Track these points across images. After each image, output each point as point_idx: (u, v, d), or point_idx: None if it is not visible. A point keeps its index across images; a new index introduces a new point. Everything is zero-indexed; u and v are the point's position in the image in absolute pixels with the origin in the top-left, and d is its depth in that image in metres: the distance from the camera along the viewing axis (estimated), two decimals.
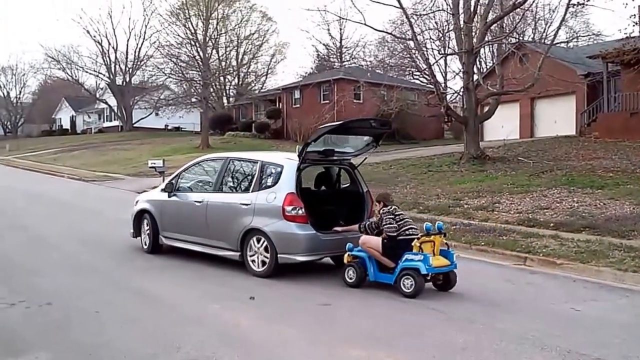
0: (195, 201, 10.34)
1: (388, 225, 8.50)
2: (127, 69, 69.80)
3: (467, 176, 20.59)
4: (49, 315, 6.96)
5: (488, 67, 41.89)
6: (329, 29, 66.99)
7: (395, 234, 8.48)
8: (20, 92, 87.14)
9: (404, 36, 29.06)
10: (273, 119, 49.73)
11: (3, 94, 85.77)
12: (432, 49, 34.19)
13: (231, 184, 10.39)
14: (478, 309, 7.66)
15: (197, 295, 8.15)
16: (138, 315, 7.10)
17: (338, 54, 64.55)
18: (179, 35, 48.29)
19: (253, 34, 60.86)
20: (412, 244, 8.33)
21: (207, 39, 46.97)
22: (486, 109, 27.08)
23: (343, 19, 37.76)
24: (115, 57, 69.56)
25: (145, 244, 11.28)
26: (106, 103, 71.74)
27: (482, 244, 11.94)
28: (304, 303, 7.84)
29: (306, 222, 9.10)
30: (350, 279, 8.74)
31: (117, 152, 43.36)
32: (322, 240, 9.17)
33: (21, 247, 11.75)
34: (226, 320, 7.02)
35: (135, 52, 68.44)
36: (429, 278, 8.43)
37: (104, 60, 70.12)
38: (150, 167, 26.31)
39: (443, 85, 35.16)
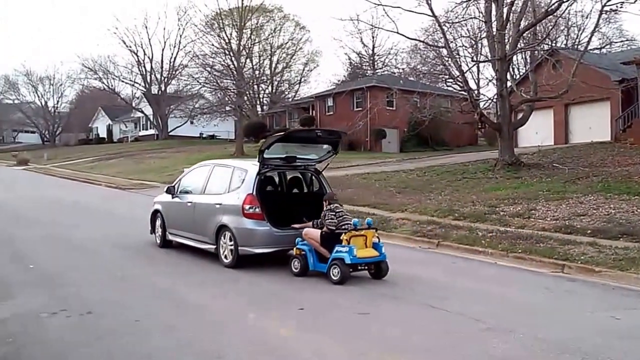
0: (188, 202, 11.97)
1: (329, 220, 9.77)
2: (163, 78, 70.95)
3: (502, 183, 20.43)
4: (90, 325, 7.06)
5: (521, 73, 41.53)
6: (361, 38, 67.10)
7: (334, 227, 9.70)
8: (57, 101, 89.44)
9: (436, 44, 29.04)
10: (306, 127, 49.97)
11: (41, 103, 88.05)
12: (465, 56, 34.10)
13: (212, 187, 11.65)
14: (517, 317, 7.61)
15: (235, 304, 8.27)
16: (177, 324, 7.16)
17: (370, 62, 64.66)
18: (213, 45, 49.04)
19: (286, 42, 61.44)
20: (341, 237, 9.50)
21: (241, 48, 47.53)
22: (520, 115, 26.84)
23: (375, 27, 37.83)
24: (151, 67, 70.84)
25: (158, 240, 12.89)
26: (142, 112, 72.97)
27: (519, 251, 11.89)
28: (342, 312, 7.86)
29: (262, 219, 10.39)
30: (296, 268, 10.02)
31: (153, 161, 44.05)
32: (276, 235, 10.39)
33: (60, 255, 12.03)
34: (264, 328, 7.05)
35: (170, 61, 69.60)
36: (362, 268, 9.69)
37: (139, 70, 71.47)
38: None
39: (476, 92, 34.98)
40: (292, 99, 62.43)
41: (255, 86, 57.46)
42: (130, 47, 70.41)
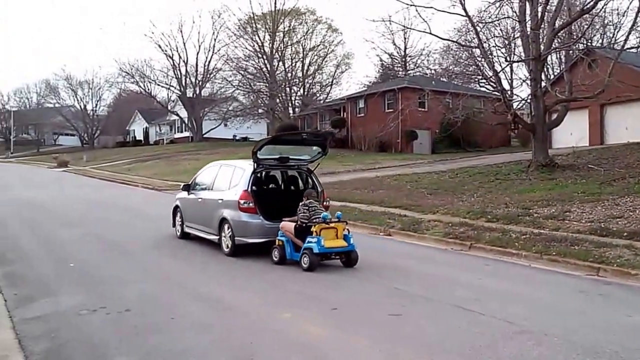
0: (199, 198, 13.51)
1: (302, 214, 10.88)
2: (197, 81, 71.82)
3: (536, 184, 20.22)
4: (128, 322, 7.25)
5: (556, 73, 40.94)
6: (393, 39, 66.91)
7: (306, 220, 10.77)
8: (96, 105, 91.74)
9: (469, 44, 28.84)
10: (338, 128, 50.04)
11: (80, 107, 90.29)
12: (498, 56, 33.75)
13: (218, 184, 13.06)
14: (551, 320, 7.55)
15: (269, 303, 8.38)
16: (212, 323, 7.31)
17: (402, 63, 64.42)
18: (246, 48, 49.57)
19: (318, 45, 61.63)
20: (312, 229, 10.53)
21: (274, 51, 47.93)
22: (554, 116, 26.51)
23: (407, 28, 37.79)
24: (186, 70, 71.78)
25: (178, 232, 14.44)
26: (177, 115, 74.00)
27: (554, 253, 11.76)
28: (375, 312, 7.88)
29: (256, 212, 11.66)
30: (275, 257, 11.13)
31: (188, 162, 44.57)
32: (267, 227, 11.57)
33: (99, 253, 12.37)
34: (298, 328, 7.12)
35: (204, 65, 70.41)
36: (335, 257, 10.79)
37: (175, 74, 72.49)
38: None
39: (509, 92, 34.61)
40: (323, 101, 62.58)
41: (287, 88, 57.80)
42: (165, 51, 71.42)
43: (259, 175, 12.55)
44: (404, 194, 21.37)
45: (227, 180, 12.71)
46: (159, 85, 76.36)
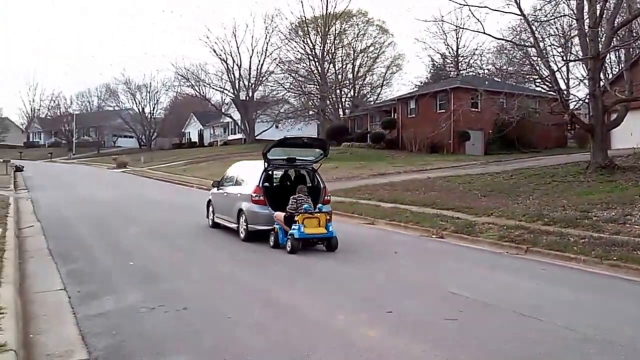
0: (224, 192, 15.82)
1: (290, 205, 12.79)
2: (250, 84, 72.74)
3: (595, 187, 19.71)
4: (186, 320, 7.41)
5: (615, 72, 39.71)
6: (445, 39, 66.18)
7: (293, 210, 12.63)
8: (153, 108, 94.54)
9: (524, 43, 28.30)
10: (388, 130, 49.84)
11: (138, 110, 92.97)
12: (554, 55, 33.00)
13: (239, 181, 15.50)
14: (615, 328, 7.33)
15: (324, 304, 8.43)
16: (268, 322, 7.41)
17: (454, 63, 63.69)
18: (298, 51, 49.93)
19: (369, 47, 61.56)
20: (294, 218, 12.39)
21: (325, 53, 48.08)
22: (614, 116, 25.74)
23: (460, 28, 37.40)
24: (239, 74, 72.80)
25: (210, 222, 16.64)
26: (231, 117, 75.16)
27: (614, 258, 11.40)
28: (430, 317, 7.80)
29: (265, 204, 13.76)
30: (271, 242, 13.07)
31: None
32: (273, 216, 13.32)
33: (157, 251, 12.72)
34: (353, 330, 7.12)
35: (257, 68, 71.24)
36: (318, 242, 12.71)
37: (228, 77, 73.63)
38: None
39: (566, 92, 33.77)
40: (374, 102, 62.44)
41: (338, 90, 57.91)
42: (220, 55, 72.64)
43: (269, 173, 14.74)
44: (457, 196, 21.15)
45: (245, 177, 15.26)
46: (213, 88, 77.86)
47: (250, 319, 7.52)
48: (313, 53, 47.86)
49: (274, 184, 15.22)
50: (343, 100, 63.30)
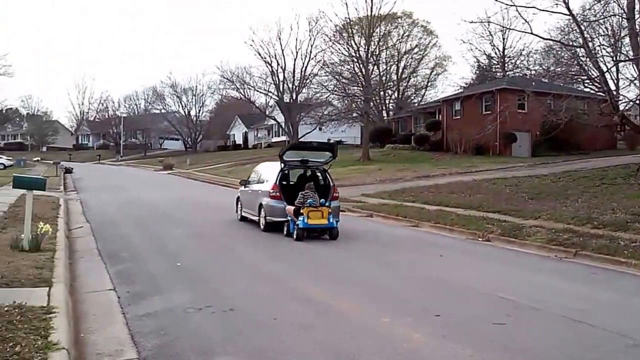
0: (249, 189, 18.08)
1: (298, 200, 14.92)
2: (294, 87, 72.95)
3: None
4: (232, 321, 7.49)
5: None
6: (491, 39, 65.24)
7: (300, 204, 14.67)
8: (199, 110, 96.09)
9: (572, 43, 27.66)
10: (432, 131, 49.43)
11: (184, 112, 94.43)
12: (604, 55, 32.12)
13: (261, 179, 17.60)
14: None
15: (367, 306, 8.41)
16: (312, 323, 7.43)
17: (500, 64, 62.71)
18: (342, 53, 49.84)
19: (413, 48, 61.23)
20: (300, 211, 14.41)
21: (369, 55, 47.91)
22: None
23: (507, 28, 36.81)
24: (284, 76, 73.08)
25: (238, 217, 18.71)
26: (275, 119, 75.62)
27: None
28: (478, 320, 7.70)
29: (281, 199, 15.70)
30: (284, 231, 15.12)
31: None
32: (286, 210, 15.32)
33: (203, 253, 12.94)
34: (398, 333, 7.07)
35: (301, 70, 71.43)
36: (322, 233, 14.72)
37: (273, 80, 73.94)
38: None
39: (616, 93, 32.86)
40: (418, 104, 62.03)
41: (382, 92, 57.70)
42: (264, 58, 73.15)
43: (286, 172, 16.72)
44: (503, 199, 20.85)
45: (266, 176, 17.37)
46: (257, 91, 78.28)
47: (295, 319, 7.56)
48: (357, 55, 47.72)
49: (291, 182, 17.15)
50: (387, 102, 63.09)
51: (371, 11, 46.27)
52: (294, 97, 72.74)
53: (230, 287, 9.44)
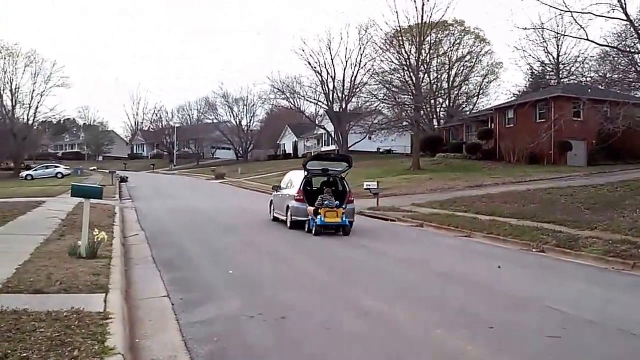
0: (280, 194, 20.98)
1: (317, 202, 17.69)
2: (344, 96, 73.14)
3: None
4: (285, 329, 7.52)
5: None
6: (546, 46, 63.94)
7: (318, 206, 17.51)
8: (250, 120, 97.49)
9: (630, 49, 26.90)
10: (485, 140, 48.71)
11: (236, 122, 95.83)
12: None
13: (289, 185, 20.51)
14: None
15: (420, 317, 8.32)
16: (365, 333, 7.38)
17: (555, 71, 61.33)
18: (392, 62, 49.67)
19: (465, 56, 60.54)
20: (319, 211, 17.35)
21: (420, 63, 47.61)
22: None
23: (561, 35, 36.04)
24: (334, 86, 73.40)
25: (271, 217, 21.56)
26: (324, 129, 75.94)
27: None
28: (533, 334, 7.53)
29: (303, 202, 18.53)
30: (306, 229, 17.97)
31: None
32: (309, 210, 17.97)
33: (255, 260, 13.05)
34: (452, 346, 6.97)
35: (351, 79, 71.56)
36: (335, 230, 17.55)
37: (323, 89, 74.37)
38: (366, 189, 27.47)
39: None
40: (470, 112, 61.24)
41: (433, 100, 57.25)
42: (315, 68, 73.63)
43: (309, 179, 19.50)
44: (558, 209, 20.36)
45: (293, 182, 20.19)
46: (308, 101, 78.88)
47: (347, 329, 7.54)
48: (408, 63, 47.46)
49: (314, 188, 19.67)
50: (438, 110, 62.52)
51: (422, 19, 46.03)
52: (343, 107, 72.88)
53: (280, 295, 9.48)
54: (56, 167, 66.43)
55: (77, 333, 6.17)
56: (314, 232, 17.37)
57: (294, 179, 20.34)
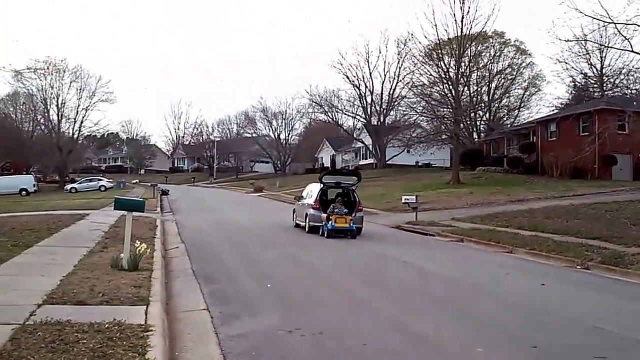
0: (301, 203, 24.00)
1: (329, 210, 20.56)
2: (382, 109, 73.22)
3: None
4: (322, 345, 7.48)
5: None
6: (589, 58, 62.78)
7: (329, 213, 20.33)
8: (288, 134, 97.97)
9: None
10: (526, 154, 47.94)
11: (275, 136, 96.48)
12: None
13: (308, 196, 23.53)
14: None
15: (461, 335, 8.17)
16: (404, 351, 7.31)
17: (598, 83, 60.10)
18: (431, 75, 49.37)
19: (506, 68, 59.87)
20: (330, 217, 20.15)
21: (459, 76, 47.24)
22: None
23: (605, 47, 35.30)
24: (372, 99, 73.56)
25: (294, 224, 24.25)
26: (362, 142, 75.99)
27: None
28: (578, 353, 7.35)
29: (319, 210, 21.36)
30: (321, 233, 20.67)
31: (373, 188, 45.39)
32: (323, 217, 20.82)
33: (293, 275, 13.07)
34: None
35: (389, 93, 71.58)
36: (343, 234, 20.10)
37: (361, 103, 74.69)
38: (404, 203, 27.33)
39: None
40: (510, 125, 60.44)
41: (473, 114, 56.68)
42: (353, 81, 73.87)
43: (325, 190, 22.59)
44: (603, 225, 19.86)
45: (312, 193, 23.14)
46: (346, 114, 79.22)
47: (386, 346, 7.45)
48: (447, 76, 47.09)
49: (330, 198, 22.44)
50: (478, 123, 61.88)
51: (462, 32, 45.68)
52: (382, 120, 72.84)
53: (318, 310, 9.47)
54: (99, 180, 68.00)
55: (118, 345, 6.26)
56: (325, 235, 20.21)
57: (313, 191, 23.26)
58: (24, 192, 57.32)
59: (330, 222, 20.08)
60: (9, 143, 69.36)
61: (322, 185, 22.40)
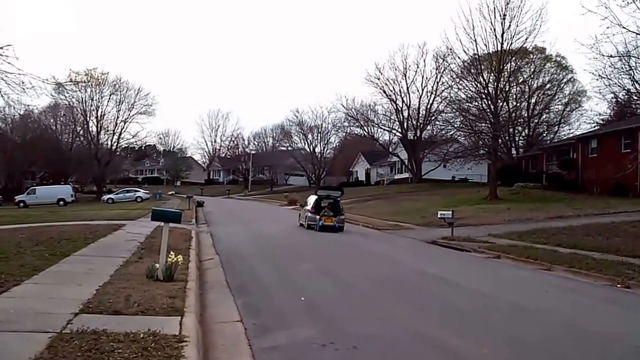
0: (304, 208, 32.40)
1: (321, 213, 29.20)
2: (418, 124, 72.84)
3: None
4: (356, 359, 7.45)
5: None
6: (632, 74, 61.38)
7: (320, 215, 29.05)
8: (324, 148, 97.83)
9: None
10: (566, 170, 47.07)
11: (310, 149, 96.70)
12: None
13: (308, 203, 31.51)
14: None
15: (496, 353, 7.97)
16: None
17: None
18: (469, 90, 48.97)
19: (546, 84, 59.05)
20: (320, 218, 28.82)
21: (498, 91, 46.76)
22: None
23: None
24: (408, 114, 73.28)
25: (299, 224, 31.89)
26: (398, 156, 75.67)
27: None
28: None
29: (315, 213, 29.36)
30: (315, 228, 28.67)
31: (408, 203, 45.13)
32: (317, 218, 29.04)
33: (327, 289, 12.93)
34: None
35: (426, 107, 71.20)
36: (330, 230, 28.13)
37: (397, 117, 74.43)
38: (440, 218, 27.05)
39: None
40: (550, 141, 59.46)
41: (511, 129, 55.96)
42: (390, 96, 73.76)
43: (318, 200, 29.89)
44: None
45: (310, 202, 30.74)
46: (382, 128, 79.00)
47: None
48: (485, 91, 46.64)
49: (322, 205, 29.46)
50: (516, 139, 61.06)
51: (501, 47, 45.31)
52: (418, 134, 72.41)
53: (352, 324, 9.36)
54: (136, 191, 68.97)
55: (153, 355, 6.31)
56: (317, 229, 28.05)
57: (311, 199, 31.02)
58: (61, 202, 58.53)
59: (320, 221, 28.27)
60: (49, 153, 71.11)
61: (316, 196, 30.43)
